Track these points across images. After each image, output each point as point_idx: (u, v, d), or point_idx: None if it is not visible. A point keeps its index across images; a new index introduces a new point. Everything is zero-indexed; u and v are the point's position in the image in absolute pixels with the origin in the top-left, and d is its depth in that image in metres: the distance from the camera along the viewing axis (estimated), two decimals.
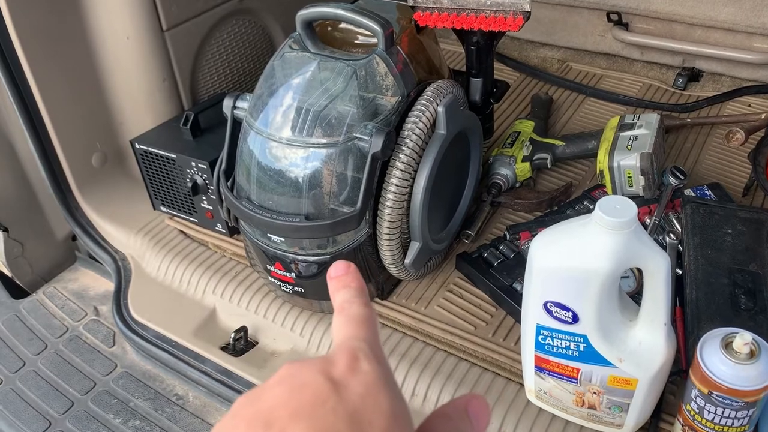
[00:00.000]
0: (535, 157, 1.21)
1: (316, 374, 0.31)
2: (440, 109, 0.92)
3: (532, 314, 0.78)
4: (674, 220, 1.05)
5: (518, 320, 0.99)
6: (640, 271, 0.80)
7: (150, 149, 1.15)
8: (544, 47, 1.71)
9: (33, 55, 1.11)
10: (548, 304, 0.75)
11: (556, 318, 0.75)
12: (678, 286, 0.96)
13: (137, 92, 1.23)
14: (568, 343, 0.77)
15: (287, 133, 0.88)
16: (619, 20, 1.55)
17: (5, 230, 1.26)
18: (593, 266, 0.69)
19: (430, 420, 0.33)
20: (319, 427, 0.28)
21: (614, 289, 0.73)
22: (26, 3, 1.08)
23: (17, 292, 1.29)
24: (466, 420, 0.34)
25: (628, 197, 1.10)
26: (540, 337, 0.79)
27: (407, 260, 0.97)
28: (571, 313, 0.74)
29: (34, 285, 1.31)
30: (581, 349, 0.76)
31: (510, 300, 0.99)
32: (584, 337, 0.75)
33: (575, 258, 0.71)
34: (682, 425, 0.78)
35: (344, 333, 0.35)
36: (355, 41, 0.98)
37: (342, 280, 0.38)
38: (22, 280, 1.31)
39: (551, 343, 0.78)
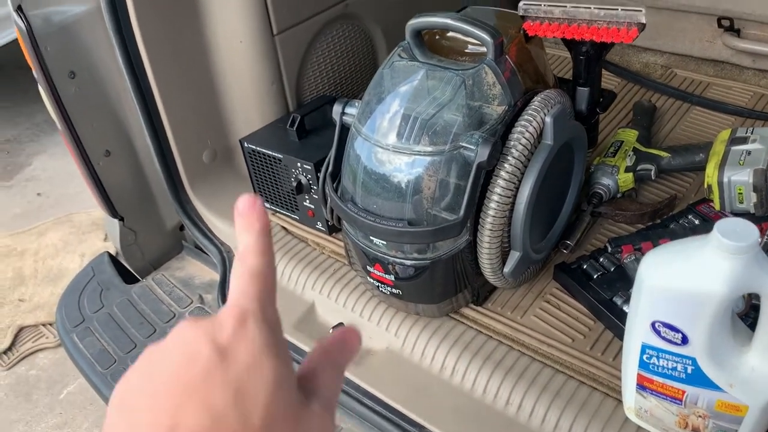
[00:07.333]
0: (638, 168, 1.18)
1: (206, 342, 0.32)
2: (548, 119, 0.91)
3: (638, 332, 0.77)
4: None
5: (617, 335, 0.98)
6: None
7: (258, 148, 1.20)
8: (646, 52, 1.66)
9: (155, 57, 1.18)
10: (656, 324, 0.74)
11: (664, 338, 0.74)
12: None
13: (247, 93, 1.29)
14: (675, 364, 0.75)
15: (393, 140, 0.90)
16: (731, 26, 1.49)
17: (121, 219, 1.35)
18: (709, 290, 0.68)
19: (311, 356, 0.38)
20: (208, 404, 0.30)
21: (728, 314, 0.72)
22: (151, 8, 1.15)
23: (129, 277, 1.38)
24: (339, 348, 0.39)
25: (738, 214, 1.08)
26: (645, 356, 0.77)
27: (506, 270, 0.97)
28: (680, 335, 0.73)
29: (145, 271, 1.40)
30: (689, 371, 0.75)
31: (610, 314, 0.97)
32: (693, 359, 0.73)
33: (690, 280, 0.69)
34: None
35: (239, 288, 0.35)
36: (464, 50, 0.98)
37: (247, 220, 0.37)
38: (134, 266, 1.40)
39: (656, 363, 0.77)
